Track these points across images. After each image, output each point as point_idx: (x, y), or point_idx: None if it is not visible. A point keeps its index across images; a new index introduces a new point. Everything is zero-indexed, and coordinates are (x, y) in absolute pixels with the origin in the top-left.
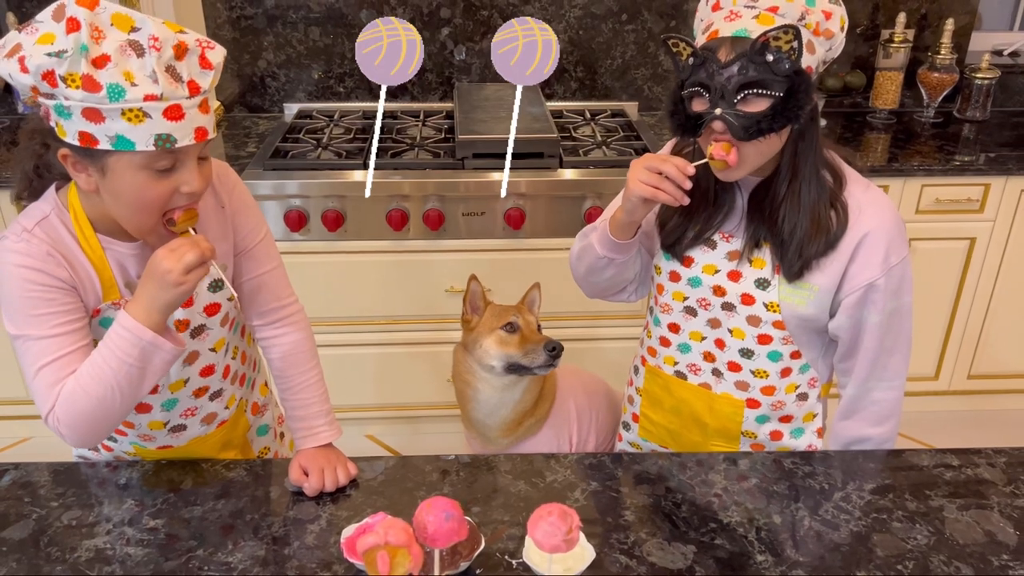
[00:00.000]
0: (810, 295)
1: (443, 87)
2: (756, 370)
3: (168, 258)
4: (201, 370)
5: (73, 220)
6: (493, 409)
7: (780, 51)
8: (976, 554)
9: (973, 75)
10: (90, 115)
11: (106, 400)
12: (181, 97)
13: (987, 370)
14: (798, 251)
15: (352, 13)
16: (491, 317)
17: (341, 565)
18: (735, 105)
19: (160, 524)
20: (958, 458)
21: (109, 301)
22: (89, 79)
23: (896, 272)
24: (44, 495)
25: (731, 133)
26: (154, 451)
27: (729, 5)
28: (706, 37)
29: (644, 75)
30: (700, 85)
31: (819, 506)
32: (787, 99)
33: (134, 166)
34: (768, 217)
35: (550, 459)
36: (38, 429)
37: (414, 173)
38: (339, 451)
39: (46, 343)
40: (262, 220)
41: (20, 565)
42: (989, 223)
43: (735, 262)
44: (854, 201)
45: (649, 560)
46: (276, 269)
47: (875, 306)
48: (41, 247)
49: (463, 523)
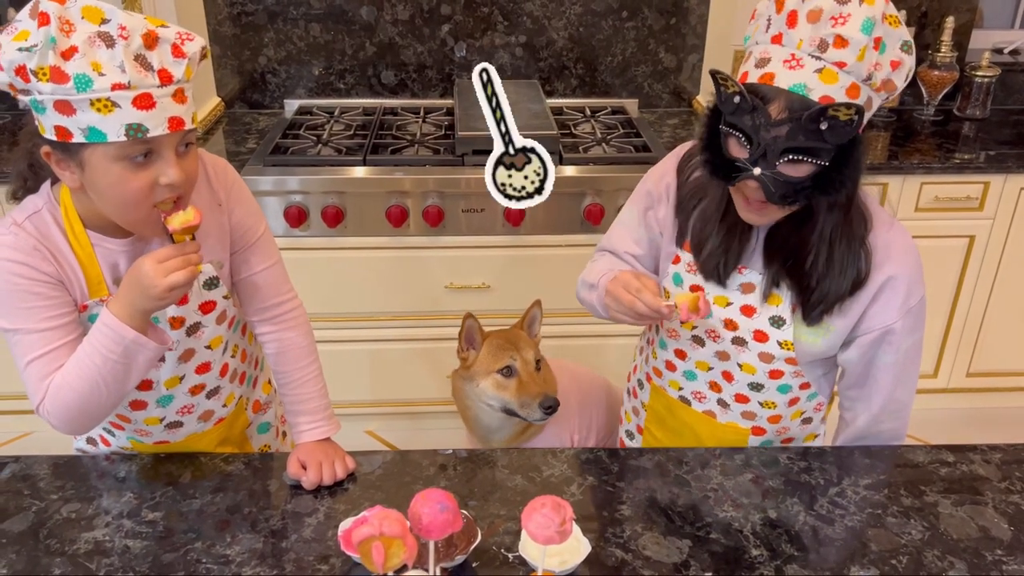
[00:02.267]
0: (826, 334)
1: (443, 84)
2: (764, 402)
3: (154, 271)
4: (197, 367)
5: (63, 216)
6: (494, 430)
7: (837, 120)
8: (970, 549)
9: (973, 73)
10: (61, 108)
11: (92, 394)
12: (151, 86)
13: (986, 368)
14: (821, 297)
15: (353, 10)
16: (488, 356)
17: (338, 558)
18: (776, 167)
19: (159, 517)
20: (953, 454)
21: (97, 298)
22: (57, 71)
23: (914, 312)
24: (44, 488)
25: (765, 196)
26: (151, 446)
27: (792, 46)
28: (759, 76)
29: (644, 72)
30: (742, 132)
31: (814, 501)
32: (832, 168)
33: (109, 158)
34: (792, 262)
35: (547, 454)
36: (39, 424)
37: (414, 169)
38: (337, 445)
39: (35, 337)
40: (261, 217)
41: (19, 557)
42: (988, 221)
43: (749, 296)
44: (880, 246)
45: (645, 554)
46: (275, 266)
47: (891, 347)
48: (28, 241)
49: (457, 515)
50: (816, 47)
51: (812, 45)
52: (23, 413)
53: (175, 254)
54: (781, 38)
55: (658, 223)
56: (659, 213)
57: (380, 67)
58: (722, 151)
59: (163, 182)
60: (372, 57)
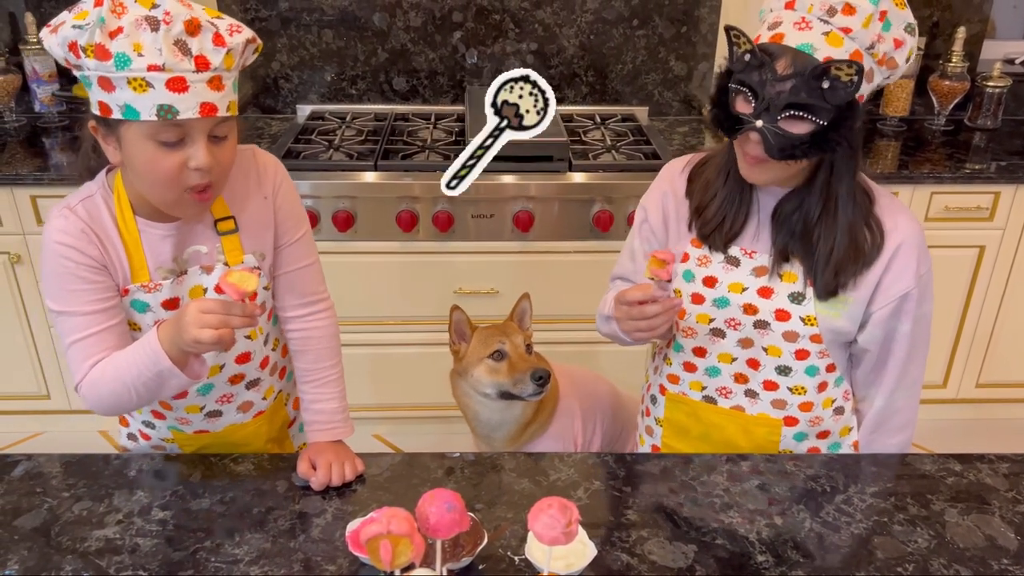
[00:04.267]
0: (844, 307)
1: (454, 90)
2: (794, 386)
3: (193, 318)
4: (237, 357)
5: (116, 201)
6: (496, 426)
7: (839, 80)
8: (976, 558)
9: (984, 83)
10: (104, 84)
11: (123, 395)
12: (186, 70)
13: (995, 378)
14: (835, 271)
15: (365, 16)
16: (478, 345)
17: (346, 559)
18: (777, 121)
19: (169, 516)
20: (960, 463)
21: (138, 283)
22: (101, 48)
23: (924, 280)
24: (55, 486)
25: (764, 148)
26: (191, 436)
27: (803, 10)
28: (770, 36)
29: (654, 80)
30: (749, 87)
31: (820, 508)
32: (830, 128)
33: (142, 136)
34: (801, 235)
35: (554, 458)
36: (50, 424)
37: (424, 175)
38: (348, 447)
39: (78, 319)
40: (304, 219)
41: (31, 554)
42: (999, 231)
43: (764, 278)
44: (888, 216)
45: (650, 559)
46: (312, 266)
47: (907, 315)
48: (77, 224)
49: (464, 515)
50: (825, 12)
51: (822, 10)
52: (35, 413)
53: (218, 311)
54: (794, 4)
55: (654, 233)
56: (654, 222)
57: (392, 73)
58: (728, 108)
59: (192, 166)
60: (384, 63)
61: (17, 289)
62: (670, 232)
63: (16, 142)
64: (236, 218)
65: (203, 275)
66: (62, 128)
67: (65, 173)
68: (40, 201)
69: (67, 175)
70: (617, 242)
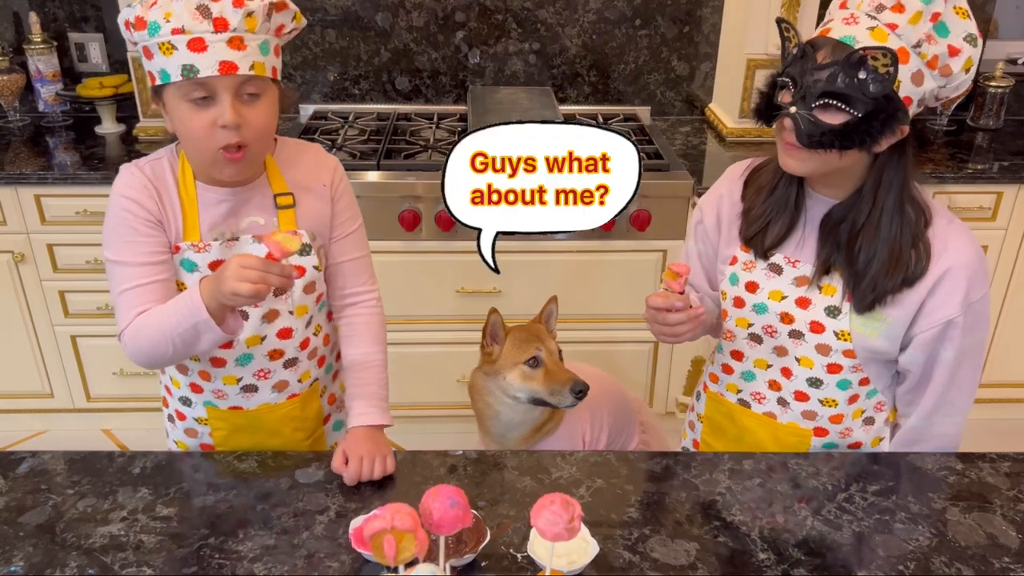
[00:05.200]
0: (882, 326)
1: (457, 90)
2: (824, 399)
3: (233, 272)
4: (279, 331)
5: (180, 166)
6: (514, 426)
7: (875, 71)
8: (977, 556)
9: (987, 83)
10: (146, 53)
11: (161, 346)
12: (204, 31)
13: (997, 379)
14: (872, 285)
15: (368, 16)
16: (513, 349)
17: (349, 555)
18: (812, 109)
19: (172, 513)
20: (962, 462)
21: (188, 241)
22: (140, 20)
23: (975, 308)
24: (60, 483)
25: (795, 135)
26: (225, 412)
27: (853, 6)
28: (819, 32)
29: (657, 80)
30: (791, 78)
31: (822, 506)
32: (864, 121)
33: (176, 97)
34: (844, 245)
35: (556, 456)
36: (53, 422)
37: (427, 175)
38: (385, 440)
39: (130, 270)
40: (358, 215)
41: (36, 550)
42: (1001, 231)
43: (803, 288)
44: (938, 239)
45: (652, 556)
46: (362, 259)
47: (951, 343)
48: (140, 179)
49: (468, 511)
50: (874, 8)
51: (871, 6)
52: (39, 412)
53: (258, 267)
54: (846, 3)
55: (708, 234)
56: (708, 224)
57: (394, 73)
58: (772, 100)
59: (219, 123)
60: (387, 63)
61: (21, 288)
62: (722, 234)
63: (20, 141)
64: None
65: (254, 244)
66: (66, 127)
67: (69, 172)
68: (44, 200)
69: (71, 174)
70: (617, 242)
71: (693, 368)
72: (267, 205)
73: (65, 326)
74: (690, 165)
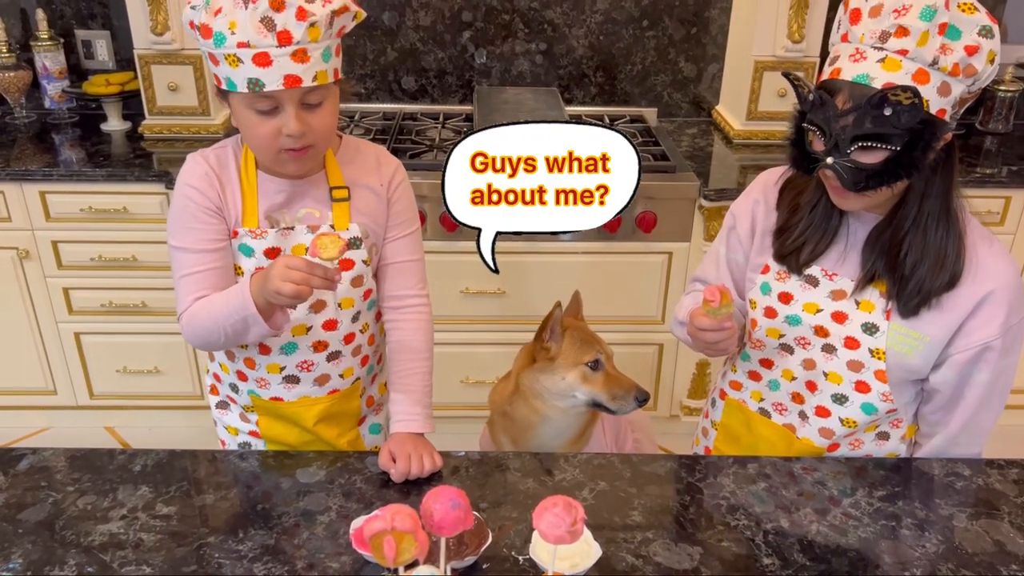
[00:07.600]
0: (919, 345)
1: (463, 90)
2: (845, 419)
3: (278, 271)
4: (324, 323)
5: (243, 155)
6: (561, 432)
7: (900, 105)
8: (984, 563)
9: (996, 88)
10: (212, 59)
11: (213, 334)
12: (269, 46)
13: None
14: (918, 285)
15: (375, 15)
16: (573, 349)
17: (350, 556)
18: (849, 155)
19: (173, 511)
20: (969, 468)
21: (247, 227)
22: (206, 27)
23: (1013, 331)
24: (60, 480)
25: (840, 184)
26: (267, 402)
27: (856, 41)
28: (829, 73)
29: (664, 81)
30: (817, 126)
31: (827, 511)
32: (906, 151)
33: (241, 104)
34: (888, 251)
35: (559, 458)
36: (56, 419)
37: (432, 175)
38: (429, 442)
39: (191, 256)
40: (415, 218)
41: (35, 547)
42: (1009, 236)
43: (841, 302)
44: (981, 256)
45: (655, 560)
46: (415, 262)
47: (987, 364)
48: (204, 168)
49: (469, 512)
50: (878, 39)
51: (874, 37)
52: (42, 408)
53: (303, 268)
54: (847, 36)
55: (740, 242)
56: (741, 231)
57: (401, 72)
58: (805, 147)
59: (284, 132)
60: (393, 62)
61: (25, 284)
62: (755, 241)
63: (26, 138)
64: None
65: (308, 234)
66: (72, 124)
67: (74, 169)
68: (49, 197)
69: (76, 171)
70: (623, 243)
71: (698, 372)
72: (323, 198)
73: (69, 323)
74: (697, 167)
